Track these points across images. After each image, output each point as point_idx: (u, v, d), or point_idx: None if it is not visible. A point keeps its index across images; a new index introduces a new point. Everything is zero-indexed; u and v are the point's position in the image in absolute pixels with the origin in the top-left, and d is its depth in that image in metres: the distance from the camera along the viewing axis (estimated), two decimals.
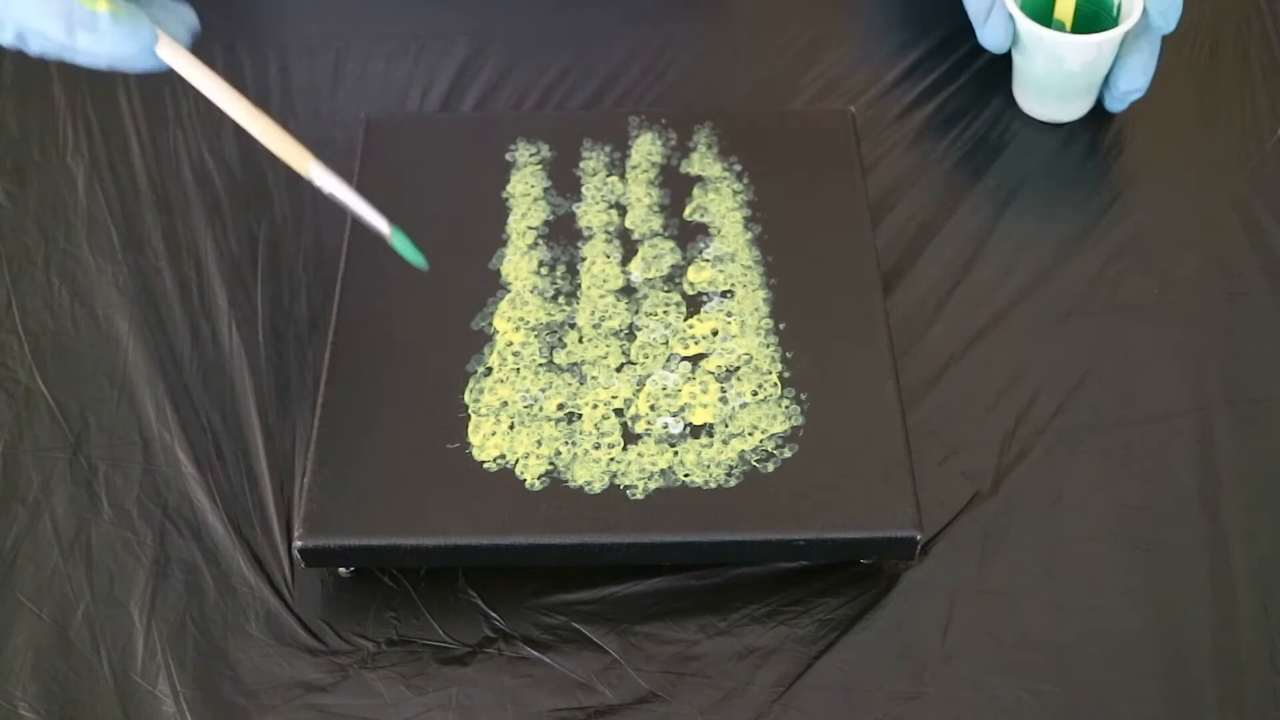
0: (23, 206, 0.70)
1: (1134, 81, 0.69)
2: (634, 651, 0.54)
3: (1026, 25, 0.68)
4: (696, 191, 0.65)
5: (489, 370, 0.58)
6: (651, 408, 0.57)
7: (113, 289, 0.66)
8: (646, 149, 0.67)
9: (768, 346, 0.59)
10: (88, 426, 0.61)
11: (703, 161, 0.66)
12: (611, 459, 0.55)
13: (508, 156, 0.66)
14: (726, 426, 0.56)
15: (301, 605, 0.56)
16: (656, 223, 0.64)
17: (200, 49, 0.76)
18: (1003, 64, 0.73)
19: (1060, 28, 0.69)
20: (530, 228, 0.64)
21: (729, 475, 0.55)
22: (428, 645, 0.55)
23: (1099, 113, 0.72)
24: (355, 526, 0.53)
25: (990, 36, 0.70)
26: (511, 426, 0.56)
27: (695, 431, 0.56)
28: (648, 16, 0.78)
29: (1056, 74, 0.69)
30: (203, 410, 0.61)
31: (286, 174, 0.70)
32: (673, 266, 0.62)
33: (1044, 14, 0.70)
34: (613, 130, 0.67)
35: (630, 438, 0.56)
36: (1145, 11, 0.67)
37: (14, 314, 0.65)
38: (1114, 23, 0.68)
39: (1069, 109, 0.72)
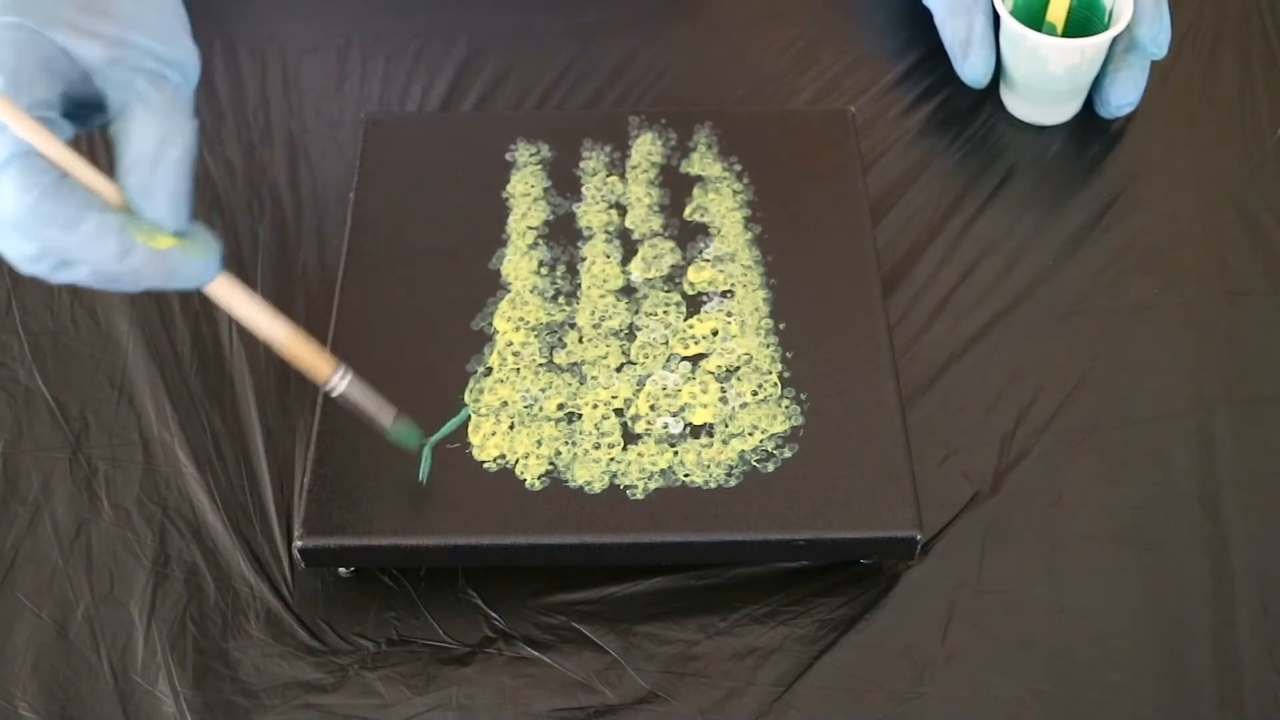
0: None
1: (1125, 96, 0.70)
2: (634, 651, 0.54)
3: (1012, 26, 0.68)
4: (696, 191, 0.65)
5: (489, 370, 0.58)
6: (651, 408, 0.57)
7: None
8: (646, 149, 0.67)
9: (768, 346, 0.59)
10: (88, 426, 0.61)
11: (703, 161, 0.66)
12: (611, 459, 0.55)
13: (508, 156, 0.66)
14: (726, 426, 0.56)
15: (301, 605, 0.56)
16: (656, 223, 0.64)
17: (201, 49, 0.76)
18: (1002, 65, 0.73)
19: (1052, 30, 0.69)
20: (530, 228, 0.64)
21: (729, 475, 0.55)
22: (428, 645, 0.55)
23: (1098, 113, 0.72)
24: (355, 526, 0.53)
25: (970, 71, 0.71)
26: (511, 426, 0.56)
27: (695, 431, 0.56)
28: (648, 16, 0.78)
29: (1040, 76, 0.69)
30: (203, 410, 0.61)
31: (287, 174, 0.70)
32: (673, 266, 0.62)
33: (1037, 16, 0.70)
34: (613, 130, 0.67)
35: (630, 438, 0.56)
36: (1136, 36, 0.68)
37: (14, 314, 0.65)
38: (1105, 28, 0.69)
39: (1053, 112, 0.72)
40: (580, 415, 0.57)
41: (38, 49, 0.44)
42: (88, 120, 0.47)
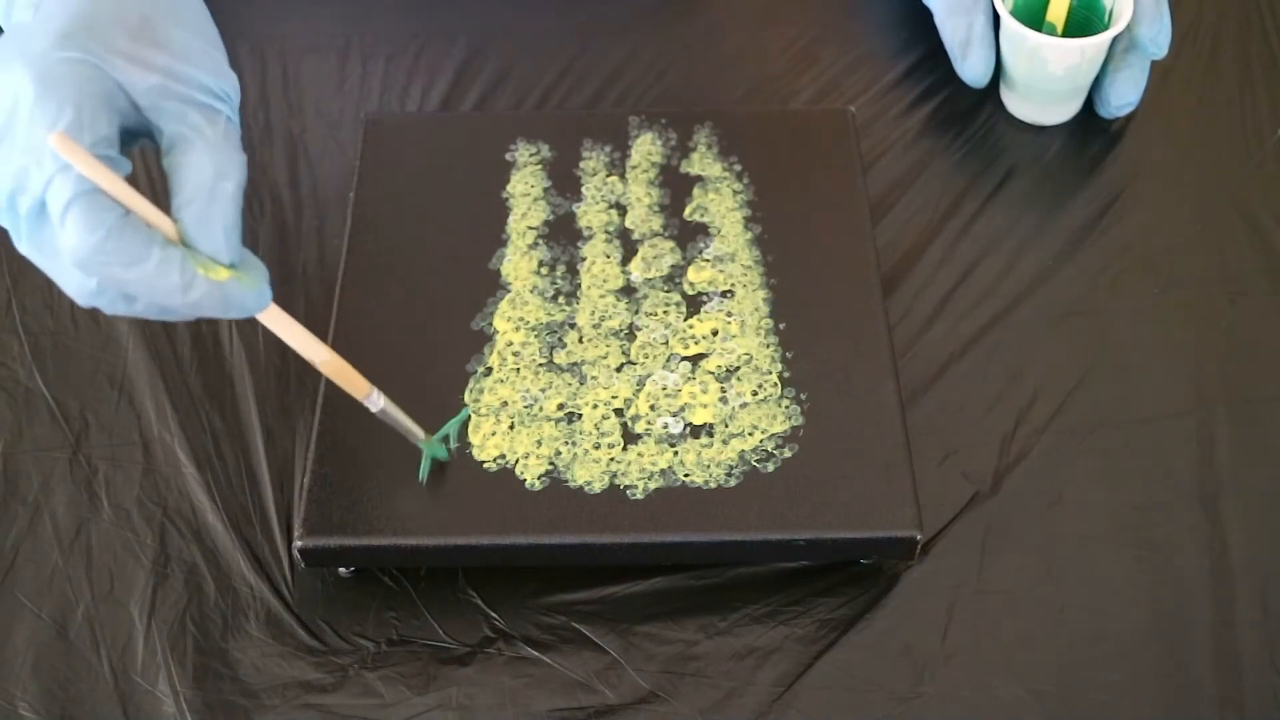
0: None
1: (1125, 96, 0.70)
2: (634, 651, 0.54)
3: (1012, 26, 0.68)
4: (696, 191, 0.65)
5: (489, 370, 0.58)
6: (651, 408, 0.57)
7: None
8: (646, 149, 0.67)
9: (768, 346, 0.59)
10: (88, 426, 0.61)
11: (703, 161, 0.66)
12: (611, 459, 0.55)
13: (508, 156, 0.66)
14: (726, 426, 0.56)
15: (301, 605, 0.56)
16: (656, 223, 0.64)
17: None
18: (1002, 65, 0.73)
19: (1052, 30, 0.69)
20: (530, 228, 0.64)
21: (729, 475, 0.55)
22: (428, 645, 0.55)
23: (1098, 113, 0.72)
24: (355, 526, 0.53)
25: (970, 71, 0.71)
26: (511, 426, 0.56)
27: (695, 431, 0.56)
28: (648, 16, 0.78)
29: (1040, 76, 0.69)
30: (203, 410, 0.61)
31: (287, 174, 0.70)
32: (673, 266, 0.62)
33: (1037, 16, 0.70)
34: (613, 130, 0.67)
35: (630, 438, 0.56)
36: (1136, 36, 0.68)
37: (14, 314, 0.65)
38: (1105, 28, 0.68)
39: (1053, 112, 0.72)
40: (580, 415, 0.57)
41: (98, 84, 0.44)
42: (127, 146, 0.47)
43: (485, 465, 0.55)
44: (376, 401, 0.52)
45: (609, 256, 0.63)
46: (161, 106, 0.46)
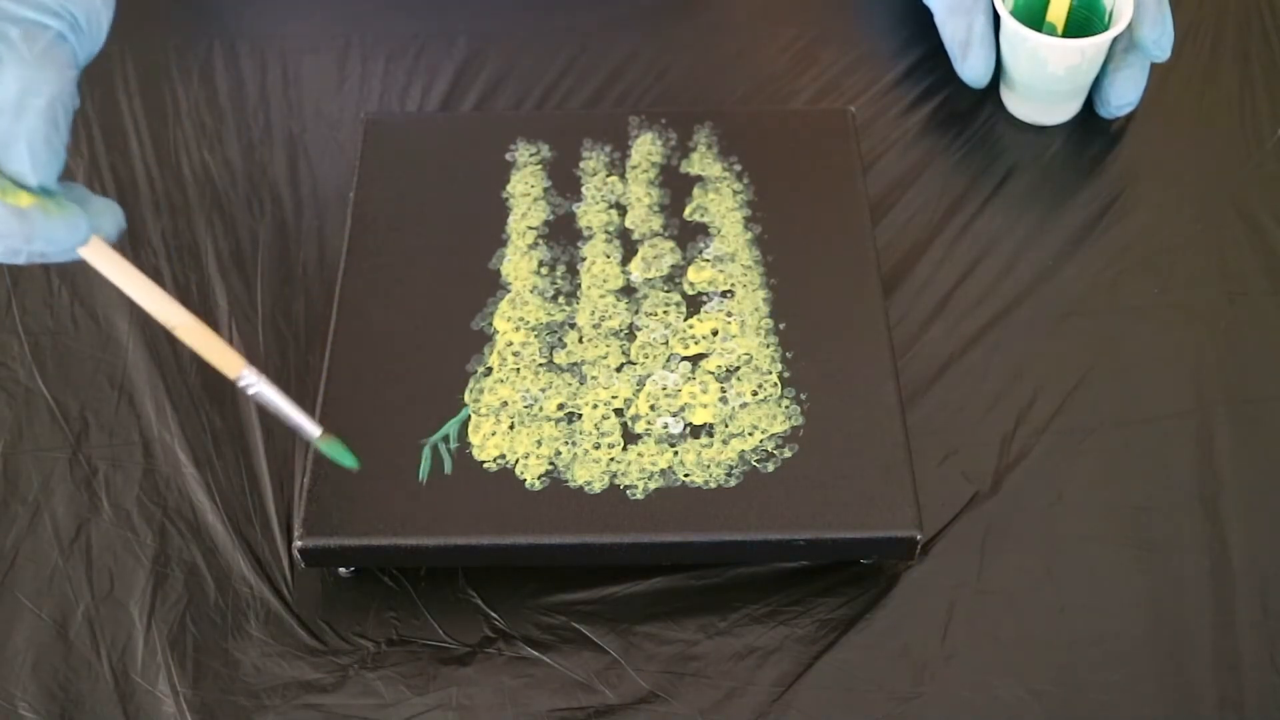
0: None
1: (1125, 96, 0.70)
2: (634, 651, 0.54)
3: (1012, 26, 0.68)
4: (696, 191, 0.65)
5: (489, 370, 0.58)
6: (651, 408, 0.57)
7: (113, 289, 0.65)
8: (646, 149, 0.67)
9: (768, 346, 0.59)
10: (88, 426, 0.61)
11: (703, 161, 0.66)
12: (611, 459, 0.55)
13: (508, 156, 0.66)
14: (726, 426, 0.56)
15: (301, 605, 0.56)
16: (656, 223, 0.64)
17: (201, 49, 0.76)
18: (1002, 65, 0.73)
19: (1052, 30, 0.69)
20: (530, 228, 0.64)
21: (729, 475, 0.55)
22: (428, 645, 0.55)
23: (1098, 113, 0.72)
24: (355, 526, 0.53)
25: (970, 72, 0.71)
26: (511, 426, 0.56)
27: (695, 431, 0.56)
28: (648, 16, 0.78)
29: (1040, 76, 0.69)
30: (203, 410, 0.61)
31: (287, 174, 0.70)
32: (673, 266, 0.62)
33: (1038, 16, 0.70)
34: (613, 130, 0.67)
35: (630, 438, 0.56)
36: (1138, 38, 0.68)
37: (14, 314, 0.65)
38: (1105, 28, 0.68)
39: (1053, 112, 0.72)
40: (580, 415, 0.57)
41: None
42: None
43: (485, 465, 0.55)
44: (252, 382, 0.49)
45: (609, 256, 0.63)
46: None
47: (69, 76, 0.44)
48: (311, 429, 0.52)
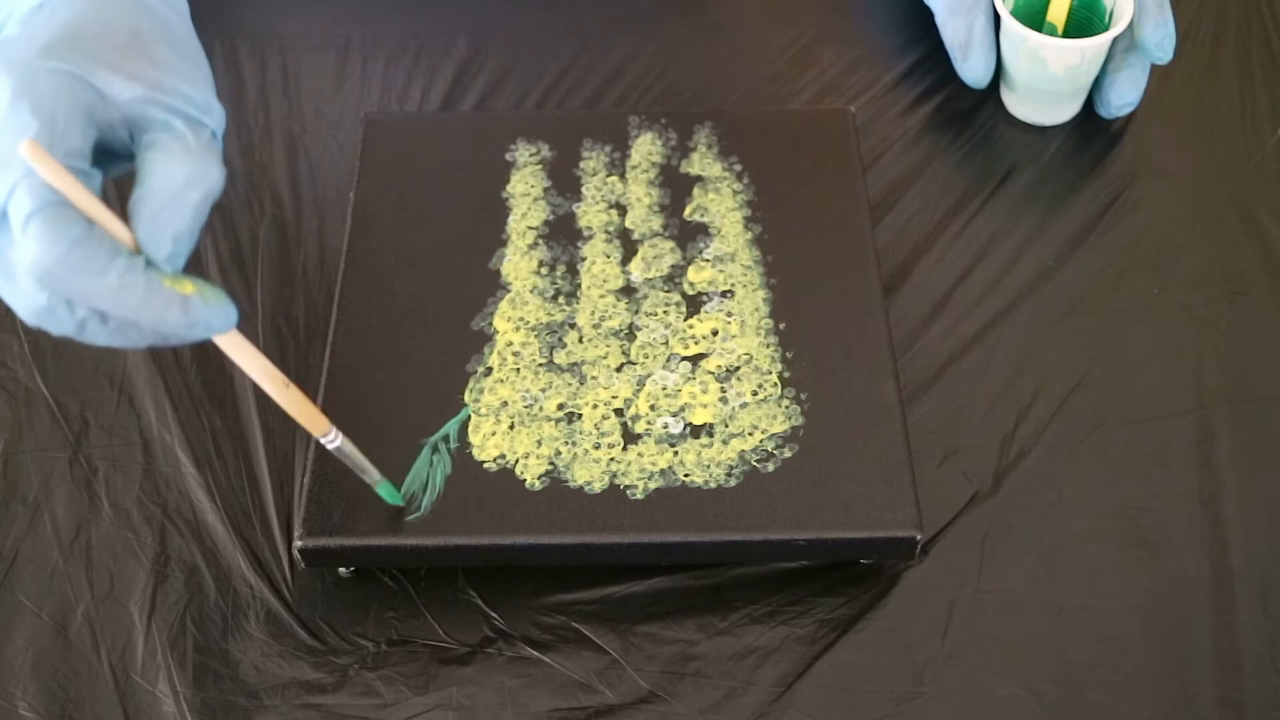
0: None
1: (1125, 96, 0.70)
2: (634, 651, 0.54)
3: (1013, 26, 0.68)
4: (696, 191, 0.65)
5: (489, 370, 0.58)
6: (651, 408, 0.57)
7: None
8: (646, 149, 0.67)
9: (768, 346, 0.59)
10: (88, 426, 0.61)
11: (703, 161, 0.66)
12: (611, 459, 0.55)
13: (508, 156, 0.66)
14: (726, 426, 0.56)
15: (301, 605, 0.56)
16: (656, 223, 0.64)
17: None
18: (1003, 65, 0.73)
19: (1052, 30, 0.69)
20: (530, 228, 0.64)
21: (729, 475, 0.55)
22: (428, 645, 0.55)
23: (1098, 113, 0.72)
24: (355, 526, 0.53)
25: (970, 72, 0.71)
26: (511, 426, 0.56)
27: (695, 431, 0.56)
28: (648, 16, 0.78)
29: (1040, 76, 0.69)
30: (203, 410, 0.61)
31: (287, 174, 0.70)
32: (673, 266, 0.62)
33: (1038, 16, 0.70)
34: (613, 130, 0.67)
35: (630, 438, 0.56)
36: (1141, 40, 0.68)
37: (14, 314, 0.65)
38: (1105, 29, 0.68)
39: (1053, 112, 0.72)
40: (580, 415, 0.57)
41: (77, 95, 0.43)
42: (108, 169, 0.46)
43: (485, 465, 0.55)
44: (334, 440, 0.51)
45: (609, 256, 0.63)
46: (146, 115, 0.44)
47: (223, 174, 0.45)
48: (374, 474, 0.53)
